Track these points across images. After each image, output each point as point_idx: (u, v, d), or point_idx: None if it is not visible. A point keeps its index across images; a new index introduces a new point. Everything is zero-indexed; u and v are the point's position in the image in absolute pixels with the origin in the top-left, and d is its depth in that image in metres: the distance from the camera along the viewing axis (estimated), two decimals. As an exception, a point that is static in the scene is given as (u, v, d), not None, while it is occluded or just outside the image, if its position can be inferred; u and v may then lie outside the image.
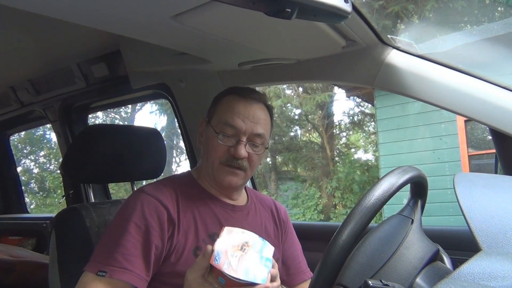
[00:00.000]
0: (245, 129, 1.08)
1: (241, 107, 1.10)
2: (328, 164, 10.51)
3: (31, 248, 2.50)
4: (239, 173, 1.09)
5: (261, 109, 1.13)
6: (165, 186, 1.08)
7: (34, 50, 1.78)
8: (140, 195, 1.04)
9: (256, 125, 1.10)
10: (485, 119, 1.05)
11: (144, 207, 1.00)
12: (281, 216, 1.27)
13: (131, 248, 0.95)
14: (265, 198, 1.31)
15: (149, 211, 1.00)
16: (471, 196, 0.68)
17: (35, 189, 12.01)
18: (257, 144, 1.11)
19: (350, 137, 11.74)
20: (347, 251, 0.70)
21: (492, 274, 0.51)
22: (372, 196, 0.71)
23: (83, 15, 0.98)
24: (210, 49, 1.28)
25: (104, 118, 11.97)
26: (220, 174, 1.10)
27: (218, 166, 1.10)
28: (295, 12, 0.73)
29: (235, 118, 1.08)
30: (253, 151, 1.10)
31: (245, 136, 1.08)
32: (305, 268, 1.26)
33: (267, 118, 1.15)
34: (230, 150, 1.08)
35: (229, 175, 1.09)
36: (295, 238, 1.30)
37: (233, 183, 1.10)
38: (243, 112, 1.09)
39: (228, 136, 1.09)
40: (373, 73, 1.21)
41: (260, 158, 1.15)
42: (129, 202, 1.04)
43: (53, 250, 1.26)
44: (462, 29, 7.07)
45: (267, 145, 1.14)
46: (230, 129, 1.08)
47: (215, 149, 1.09)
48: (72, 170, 1.46)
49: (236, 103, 1.11)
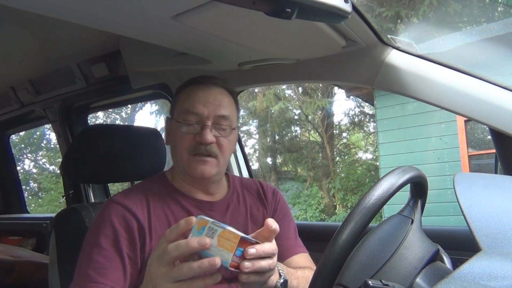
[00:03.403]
0: (207, 113, 1.05)
1: (200, 93, 1.08)
2: (328, 164, 10.51)
3: (31, 248, 2.50)
4: (209, 161, 1.05)
5: (222, 93, 1.10)
6: (135, 192, 1.06)
7: (34, 50, 1.77)
8: (109, 205, 1.02)
9: (218, 107, 1.06)
10: (485, 119, 1.05)
11: (112, 216, 0.99)
12: (269, 196, 1.23)
13: (102, 260, 0.94)
14: (250, 182, 1.26)
15: (118, 220, 0.98)
16: (471, 196, 0.68)
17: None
18: (224, 127, 1.07)
19: (350, 137, 11.74)
20: (347, 251, 0.70)
21: (492, 274, 0.51)
22: (372, 196, 0.71)
23: (83, 15, 0.98)
24: (210, 49, 1.28)
25: (105, 118, 11.97)
26: (190, 166, 1.05)
27: (188, 158, 1.06)
28: (295, 12, 0.73)
29: (195, 104, 1.05)
30: (220, 134, 1.07)
31: (209, 121, 1.05)
32: (296, 243, 1.20)
33: (230, 101, 1.12)
34: (196, 138, 1.04)
35: (200, 165, 1.05)
36: (288, 216, 1.25)
37: (206, 172, 1.05)
38: (203, 97, 1.07)
39: (191, 124, 1.05)
40: (373, 73, 1.21)
41: (230, 143, 1.10)
42: (100, 213, 1.02)
43: (53, 250, 1.26)
44: (462, 29, 7.07)
45: (234, 126, 1.11)
46: (192, 116, 1.05)
47: (181, 140, 1.06)
48: (72, 170, 1.46)
49: (195, 91, 1.09)
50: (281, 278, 0.89)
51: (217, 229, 0.71)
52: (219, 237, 0.71)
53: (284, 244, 1.16)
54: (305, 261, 1.16)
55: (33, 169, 12.51)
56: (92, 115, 6.90)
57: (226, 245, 0.70)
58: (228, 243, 0.71)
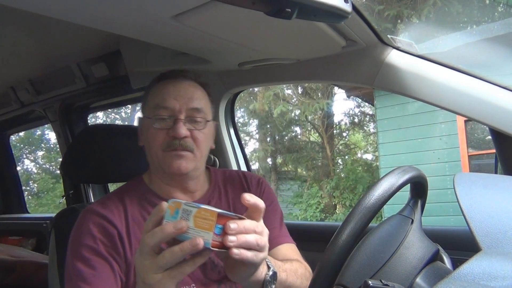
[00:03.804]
0: (179, 107, 1.01)
1: (170, 87, 1.04)
2: (328, 164, 10.52)
3: (31, 248, 2.50)
4: (185, 155, 1.01)
5: (193, 86, 1.07)
6: (112, 200, 1.03)
7: (34, 50, 1.77)
8: (85, 216, 1.00)
9: (190, 99, 1.03)
10: (485, 119, 1.05)
11: (90, 226, 0.97)
12: (253, 187, 1.18)
13: (89, 270, 0.93)
14: (234, 174, 1.21)
15: (96, 229, 0.97)
16: (471, 196, 0.68)
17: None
18: (197, 119, 1.03)
19: (350, 137, 11.74)
20: (347, 251, 0.70)
21: (492, 274, 0.51)
22: (372, 196, 0.71)
23: (83, 15, 0.98)
24: (210, 49, 1.28)
25: (105, 118, 11.98)
26: (165, 162, 1.01)
27: (162, 154, 1.02)
28: (295, 12, 0.73)
29: (166, 98, 1.02)
30: (194, 127, 1.03)
31: (182, 114, 1.01)
32: (281, 233, 1.15)
33: (203, 93, 1.08)
34: (169, 133, 1.01)
35: (176, 160, 1.00)
36: (274, 206, 1.19)
37: (182, 168, 1.01)
38: (173, 91, 1.03)
39: (163, 119, 1.02)
40: (373, 73, 1.21)
41: (206, 137, 1.06)
42: (78, 224, 1.00)
43: (52, 250, 1.26)
44: (462, 29, 7.08)
45: (209, 119, 1.07)
46: (163, 110, 1.02)
47: (154, 137, 1.02)
48: (71, 170, 1.46)
49: (165, 85, 1.05)
50: (270, 270, 0.85)
51: (191, 209, 0.67)
52: (194, 217, 0.66)
53: (269, 234, 1.12)
54: (292, 253, 1.12)
55: (33, 169, 12.50)
56: (92, 115, 6.91)
57: (204, 225, 0.66)
58: (205, 222, 0.66)
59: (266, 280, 0.83)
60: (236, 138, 1.78)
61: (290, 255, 1.10)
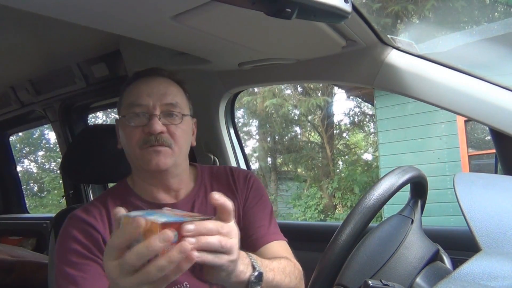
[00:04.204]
0: (153, 103, 1.00)
1: (143, 86, 1.03)
2: (328, 164, 10.52)
3: (31, 248, 2.50)
4: (163, 150, 0.99)
5: (167, 82, 1.06)
6: (96, 206, 1.03)
7: (34, 50, 1.77)
8: (70, 222, 1.00)
9: (164, 95, 1.02)
10: (485, 119, 1.05)
11: (74, 232, 0.96)
12: (239, 183, 1.14)
13: (78, 273, 0.92)
14: (221, 170, 1.18)
15: (81, 234, 0.96)
16: (471, 196, 0.68)
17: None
18: (173, 113, 1.02)
19: (351, 138, 11.74)
20: (347, 251, 0.70)
21: (492, 274, 0.51)
22: (372, 196, 0.71)
23: (83, 15, 0.98)
24: (210, 49, 1.28)
25: (104, 118, 11.98)
26: (144, 159, 0.99)
27: (140, 152, 1.00)
28: (295, 12, 0.73)
29: (139, 96, 1.01)
30: (170, 122, 1.01)
31: (156, 110, 1.00)
32: (269, 231, 1.10)
33: (177, 89, 1.07)
34: (145, 130, 0.99)
35: (154, 156, 0.98)
36: (263, 202, 1.15)
37: (161, 163, 0.98)
38: (146, 89, 1.02)
39: (138, 115, 1.00)
40: (373, 73, 1.21)
41: (184, 132, 1.04)
42: (62, 230, 1.00)
43: (52, 250, 1.26)
44: (462, 29, 7.07)
45: (186, 113, 1.05)
46: (137, 108, 1.00)
47: (130, 135, 1.01)
48: (71, 170, 1.46)
49: (138, 84, 1.04)
50: (255, 270, 0.80)
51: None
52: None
53: (257, 232, 1.08)
54: (281, 250, 1.08)
55: (33, 169, 12.52)
56: (92, 115, 6.91)
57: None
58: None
59: (251, 281, 0.79)
60: (236, 138, 1.78)
61: (279, 252, 1.06)
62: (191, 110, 1.10)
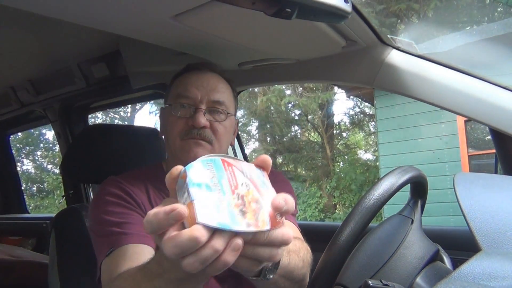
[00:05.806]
0: (201, 96, 1.01)
1: (193, 77, 1.04)
2: (328, 164, 10.52)
3: (31, 248, 2.50)
4: (204, 144, 1.00)
5: (217, 78, 1.07)
6: (133, 177, 1.04)
7: (34, 50, 1.77)
8: (108, 181, 1.02)
9: (212, 91, 1.02)
10: (485, 119, 1.05)
11: (112, 188, 0.98)
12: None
13: (118, 218, 0.92)
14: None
15: (119, 190, 0.98)
16: (471, 196, 0.68)
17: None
18: (219, 110, 1.02)
19: (351, 138, 11.74)
20: (347, 251, 0.70)
21: (492, 274, 0.51)
22: (372, 196, 0.71)
23: (83, 15, 0.98)
24: (210, 49, 1.27)
25: (104, 118, 11.98)
26: (183, 150, 1.00)
27: (180, 143, 1.00)
28: (295, 12, 0.73)
29: (188, 88, 1.02)
30: (215, 119, 1.02)
31: (203, 104, 1.01)
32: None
33: (226, 87, 1.08)
34: (189, 122, 1.00)
35: (194, 147, 0.98)
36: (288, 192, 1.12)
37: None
38: (196, 82, 1.03)
39: (184, 106, 1.01)
40: (373, 73, 1.21)
41: (226, 130, 1.04)
42: (100, 189, 1.01)
43: (52, 250, 1.26)
44: (463, 29, 7.08)
45: (231, 112, 1.06)
46: (184, 99, 1.01)
47: (173, 125, 1.02)
48: (71, 170, 1.46)
49: (189, 76, 1.06)
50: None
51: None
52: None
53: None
54: (290, 230, 1.00)
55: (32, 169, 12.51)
56: (92, 115, 6.91)
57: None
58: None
59: (267, 269, 0.66)
60: (236, 138, 1.78)
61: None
62: (236, 109, 1.12)
